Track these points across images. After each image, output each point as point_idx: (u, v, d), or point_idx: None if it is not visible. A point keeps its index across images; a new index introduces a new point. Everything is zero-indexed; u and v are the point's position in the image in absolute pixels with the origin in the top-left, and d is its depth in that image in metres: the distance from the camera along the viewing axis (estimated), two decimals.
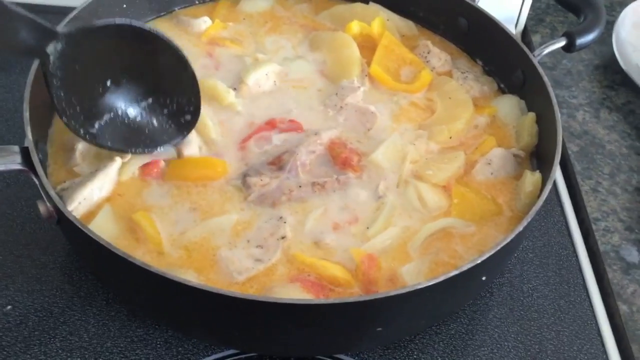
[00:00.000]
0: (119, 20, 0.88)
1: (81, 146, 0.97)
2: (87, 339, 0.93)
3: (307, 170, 0.98)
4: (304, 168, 0.98)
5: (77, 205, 0.89)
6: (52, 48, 0.83)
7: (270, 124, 1.04)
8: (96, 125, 0.91)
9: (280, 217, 0.93)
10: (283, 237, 0.90)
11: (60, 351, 0.91)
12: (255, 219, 0.93)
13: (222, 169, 0.98)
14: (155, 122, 0.96)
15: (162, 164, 0.97)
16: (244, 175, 0.96)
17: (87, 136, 0.91)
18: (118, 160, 0.95)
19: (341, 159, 1.00)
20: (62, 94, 0.87)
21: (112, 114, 0.93)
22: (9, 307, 0.95)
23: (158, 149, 0.96)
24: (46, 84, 0.86)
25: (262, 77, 1.09)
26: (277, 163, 0.98)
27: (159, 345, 0.93)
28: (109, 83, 0.91)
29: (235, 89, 1.08)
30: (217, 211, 0.94)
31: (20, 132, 1.14)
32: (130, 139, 0.94)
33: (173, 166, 0.97)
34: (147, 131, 0.95)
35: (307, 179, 0.97)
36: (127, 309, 0.96)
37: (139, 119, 0.95)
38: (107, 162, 0.95)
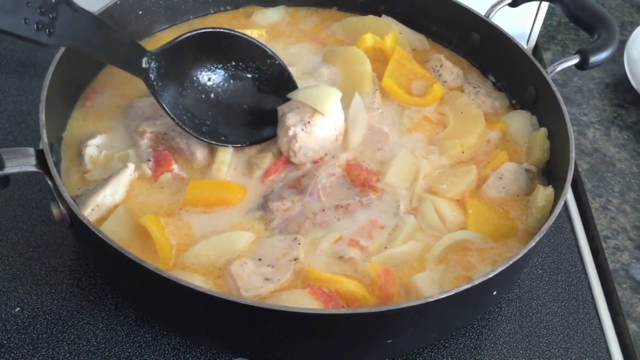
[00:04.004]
0: (189, 33, 0.99)
1: (89, 151, 0.98)
2: (95, 343, 0.92)
3: (327, 193, 0.98)
4: (324, 191, 0.98)
5: (90, 212, 0.90)
6: (146, 63, 0.95)
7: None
8: (204, 129, 1.00)
9: (295, 238, 0.92)
10: (296, 259, 0.89)
11: (67, 355, 0.91)
12: (270, 236, 0.93)
13: (242, 195, 0.97)
14: (256, 118, 1.04)
15: (175, 167, 0.98)
16: (266, 200, 0.96)
17: (203, 137, 0.99)
18: (130, 166, 0.96)
19: (360, 181, 1.00)
20: (172, 107, 0.98)
21: (220, 117, 1.02)
22: (18, 309, 0.95)
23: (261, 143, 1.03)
24: (159, 103, 0.97)
25: None
26: (297, 186, 0.98)
27: (167, 352, 0.93)
28: (205, 84, 1.02)
29: None
30: (234, 227, 0.94)
31: (33, 134, 1.16)
32: (239, 135, 1.02)
33: (193, 188, 0.96)
34: (249, 127, 1.04)
35: (330, 202, 0.97)
36: (135, 314, 0.96)
37: (242, 115, 1.04)
38: (119, 167, 0.96)
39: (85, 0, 0.89)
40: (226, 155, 1.00)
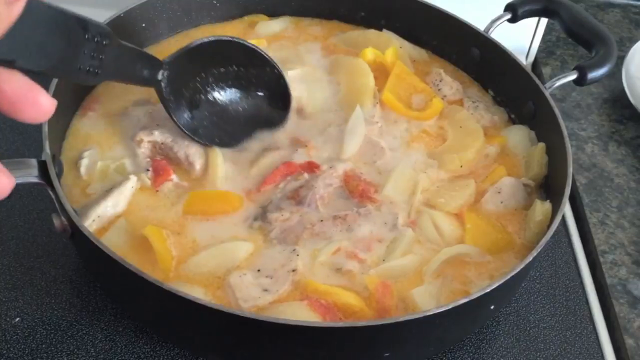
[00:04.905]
0: (201, 40, 1.00)
1: (85, 162, 0.98)
2: (94, 353, 0.93)
3: (326, 204, 0.99)
4: (322, 201, 0.98)
5: (91, 223, 0.90)
6: (160, 75, 0.96)
7: (288, 167, 1.02)
8: (201, 131, 1.03)
9: (294, 250, 0.92)
10: (294, 270, 0.90)
11: None
12: (269, 247, 0.93)
13: (239, 203, 0.97)
14: (252, 117, 1.08)
15: (174, 177, 0.99)
16: (264, 211, 0.96)
17: (199, 139, 1.02)
18: (133, 178, 0.96)
19: (358, 192, 1.00)
20: (179, 114, 1.01)
21: (216, 118, 1.05)
22: (18, 319, 0.95)
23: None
24: (166, 109, 0.99)
25: None
26: (296, 197, 0.98)
27: None
28: (210, 94, 1.05)
29: None
30: (233, 237, 0.94)
31: (36, 145, 1.17)
32: (231, 137, 1.05)
33: (192, 198, 0.97)
34: (246, 128, 1.07)
35: (328, 212, 0.97)
36: (134, 325, 0.96)
37: (236, 117, 1.07)
38: (121, 179, 0.96)
39: (90, 14, 0.90)
40: (222, 163, 1.00)
